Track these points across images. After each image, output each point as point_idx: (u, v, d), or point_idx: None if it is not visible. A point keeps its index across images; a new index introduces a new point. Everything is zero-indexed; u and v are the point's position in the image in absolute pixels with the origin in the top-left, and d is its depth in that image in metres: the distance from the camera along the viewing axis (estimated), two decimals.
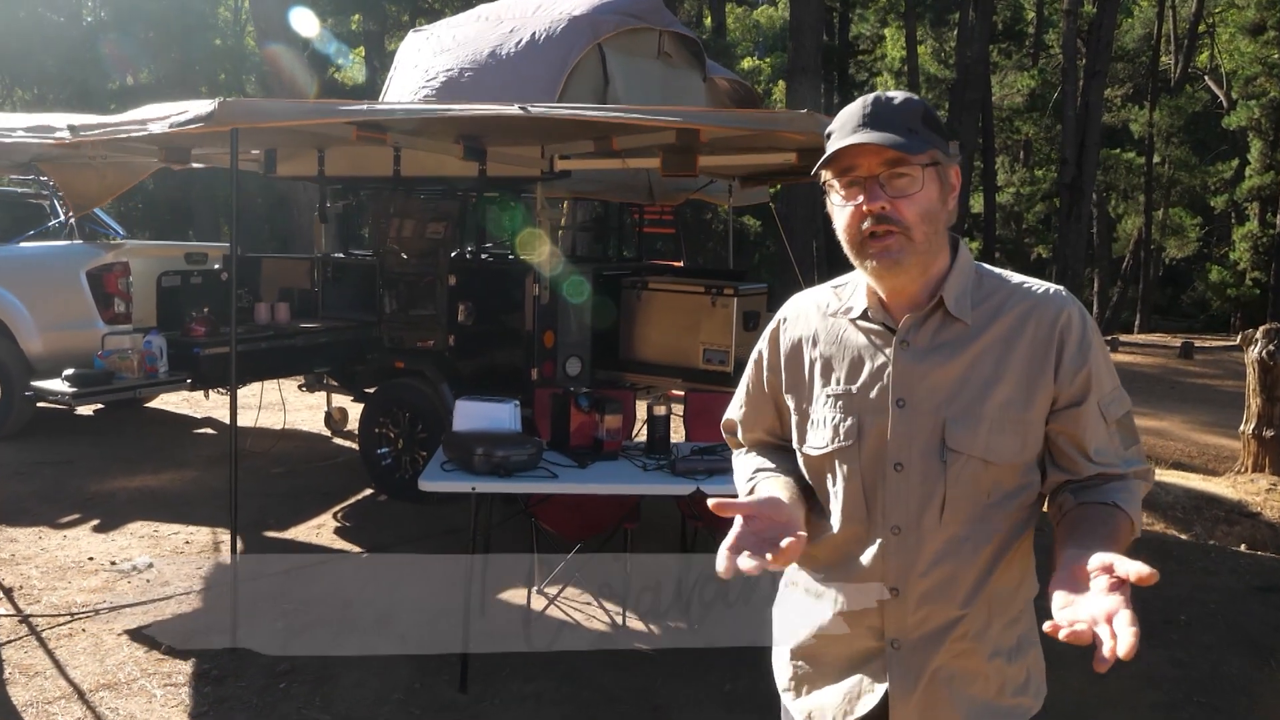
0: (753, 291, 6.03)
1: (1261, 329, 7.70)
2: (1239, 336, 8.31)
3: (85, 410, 8.63)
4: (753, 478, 1.77)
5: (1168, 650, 4.48)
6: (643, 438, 4.60)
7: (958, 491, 1.60)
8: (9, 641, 4.11)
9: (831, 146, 1.59)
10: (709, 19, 26.50)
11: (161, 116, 4.14)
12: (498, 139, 5.31)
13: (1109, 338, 21.47)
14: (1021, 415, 1.60)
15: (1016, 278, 1.70)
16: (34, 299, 7.33)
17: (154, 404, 9.14)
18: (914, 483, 1.62)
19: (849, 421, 1.66)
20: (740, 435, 1.93)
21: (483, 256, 6.75)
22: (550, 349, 5.92)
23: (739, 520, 1.47)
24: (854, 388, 1.67)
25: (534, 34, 6.19)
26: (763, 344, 1.85)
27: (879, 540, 1.64)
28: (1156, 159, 28.71)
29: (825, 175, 1.63)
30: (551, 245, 5.73)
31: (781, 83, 23.03)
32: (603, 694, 3.88)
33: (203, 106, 3.92)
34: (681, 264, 8.12)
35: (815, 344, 1.74)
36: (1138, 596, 1.50)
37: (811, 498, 1.75)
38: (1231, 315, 28.49)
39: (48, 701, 3.63)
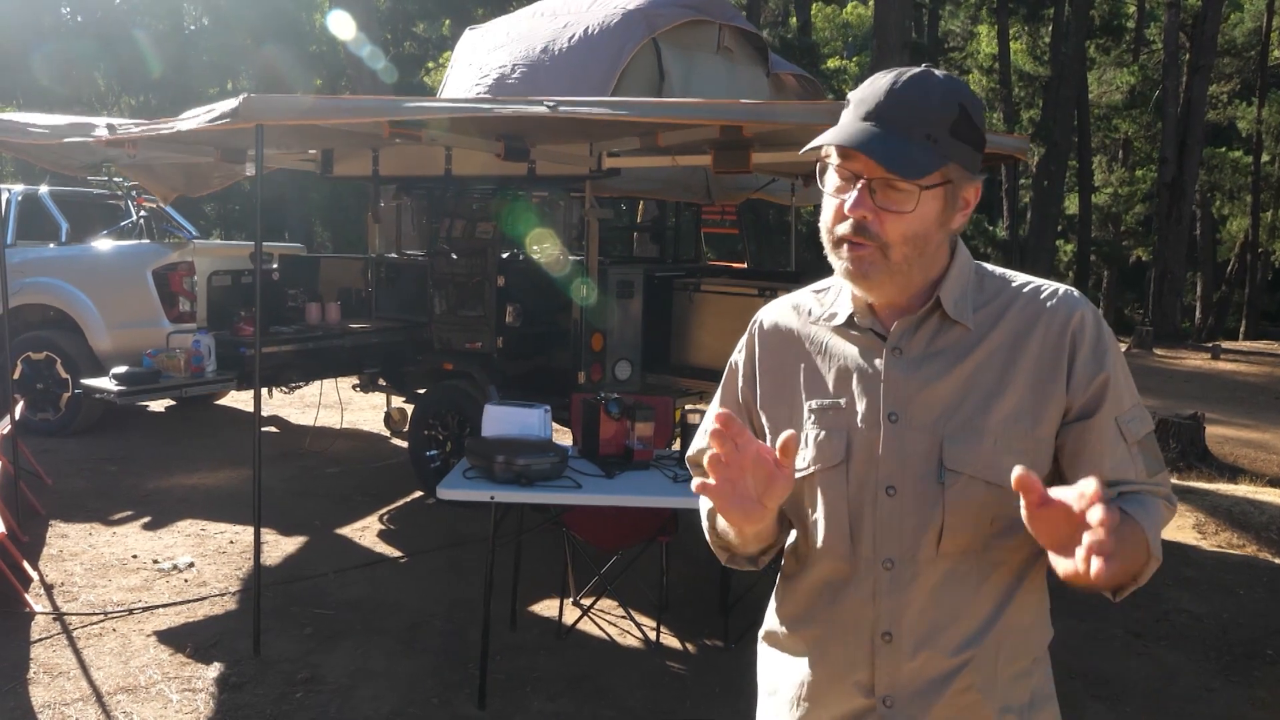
0: None
1: None
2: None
3: (155, 407, 8.79)
4: None
5: (1248, 689, 4.12)
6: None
7: (958, 518, 1.39)
8: (40, 640, 4.12)
9: (838, 127, 1.38)
10: (794, 18, 26.15)
11: (194, 115, 4.11)
12: (541, 137, 5.18)
13: (1210, 344, 20.50)
14: (1031, 431, 1.39)
15: (1022, 278, 1.49)
16: (103, 297, 7.46)
17: (223, 401, 9.26)
18: (908, 509, 1.41)
19: (835, 440, 1.46)
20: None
21: (533, 257, 6.63)
22: (598, 352, 5.77)
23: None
24: (841, 401, 1.47)
25: (587, 28, 6.05)
26: (737, 355, 1.64)
27: (868, 576, 1.44)
28: (1265, 158, 27.42)
29: (826, 149, 1.42)
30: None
31: None
32: (628, 715, 3.70)
33: (228, 103, 3.87)
34: (745, 265, 7.89)
35: (797, 353, 1.54)
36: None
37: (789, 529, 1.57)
38: None
39: (65, 703, 3.60)
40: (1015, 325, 1.42)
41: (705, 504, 1.61)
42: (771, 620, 1.63)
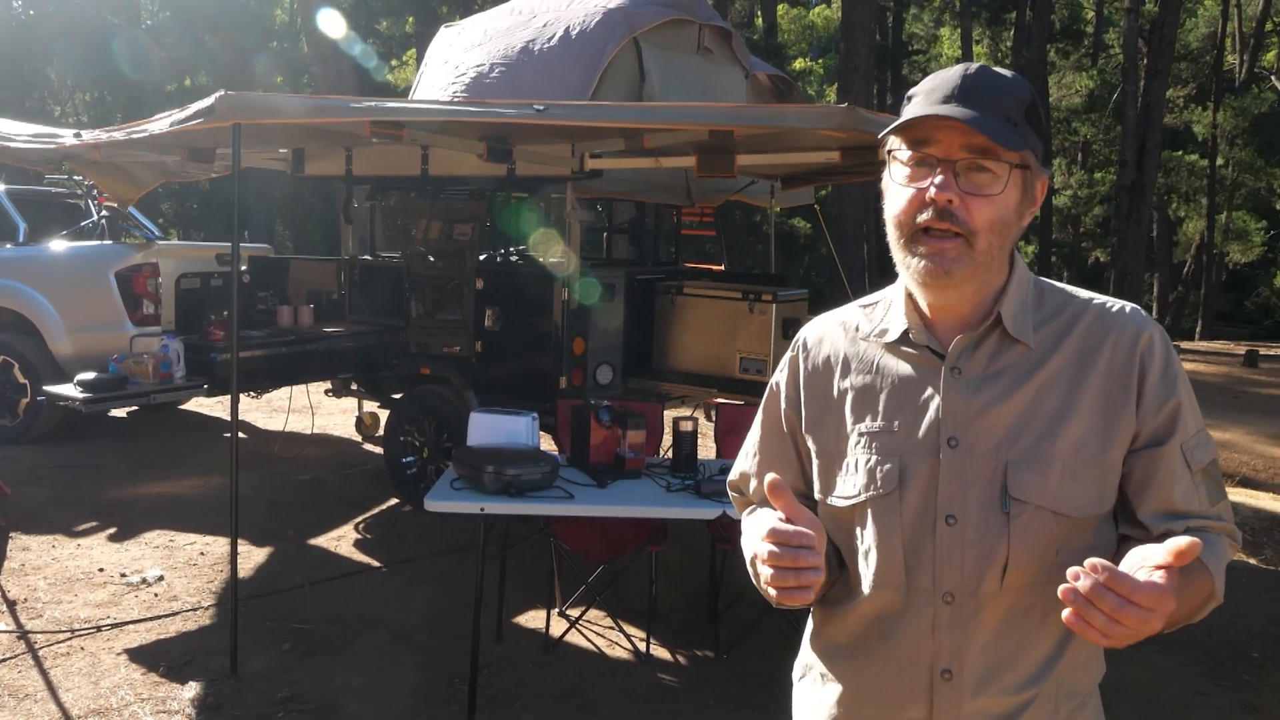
0: (792, 298, 5.72)
1: None
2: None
3: (118, 412, 8.55)
4: None
5: (1239, 693, 4.11)
6: (670, 453, 4.33)
7: (1023, 551, 1.31)
8: (3, 660, 3.94)
9: (909, 112, 1.32)
10: (760, 19, 26.16)
11: (167, 115, 3.96)
12: (524, 137, 5.07)
13: None
14: (1099, 457, 1.32)
15: (1083, 294, 1.42)
16: (63, 300, 7.23)
17: (187, 406, 9.04)
18: (969, 539, 1.33)
19: (888, 465, 1.38)
20: (753, 491, 1.61)
21: (511, 259, 6.51)
22: (580, 356, 5.67)
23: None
24: (895, 424, 1.39)
25: (567, 28, 5.93)
26: (779, 375, 1.56)
27: (926, 610, 1.36)
28: (1220, 161, 27.83)
29: (892, 143, 1.35)
30: (567, 247, 5.47)
31: (835, 84, 22.62)
32: None
33: (204, 102, 3.72)
34: (722, 268, 7.81)
35: (845, 373, 1.46)
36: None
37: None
38: None
39: None
40: (1080, 345, 1.36)
41: (749, 549, 1.52)
42: (809, 652, 1.55)
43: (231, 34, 23.43)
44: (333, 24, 14.71)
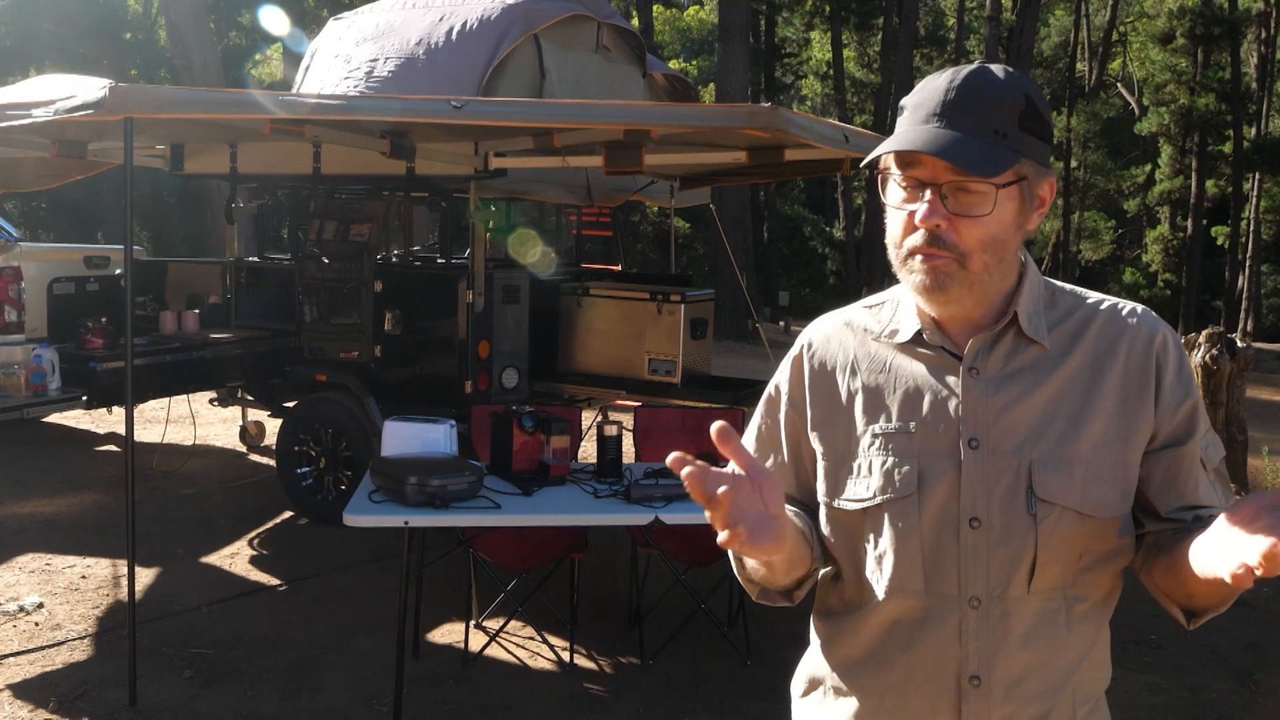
0: (700, 298, 5.71)
1: (1204, 333, 7.63)
2: (1181, 340, 8.25)
3: None
4: None
5: (1144, 675, 4.27)
6: (588, 457, 4.25)
7: (1050, 553, 1.29)
8: None
9: (896, 134, 1.28)
10: (636, 19, 26.25)
11: (46, 101, 3.65)
12: (428, 135, 4.91)
13: None
14: (1121, 456, 1.31)
15: (1094, 295, 1.42)
16: None
17: (51, 419, 8.47)
18: (995, 541, 1.30)
19: (906, 467, 1.34)
20: None
21: (411, 261, 6.31)
22: (485, 360, 5.53)
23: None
24: (911, 425, 1.35)
25: (465, 22, 5.78)
26: (780, 378, 1.51)
27: (952, 616, 1.32)
28: (1073, 163, 29.30)
29: (885, 160, 1.31)
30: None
31: (711, 85, 22.88)
32: None
33: (92, 92, 3.44)
34: (619, 268, 7.76)
35: (855, 373, 1.41)
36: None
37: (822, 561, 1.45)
38: None
39: None
40: (1096, 345, 1.35)
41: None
42: (818, 665, 1.49)
43: (80, 23, 22.12)
44: (276, 21, 13.89)
